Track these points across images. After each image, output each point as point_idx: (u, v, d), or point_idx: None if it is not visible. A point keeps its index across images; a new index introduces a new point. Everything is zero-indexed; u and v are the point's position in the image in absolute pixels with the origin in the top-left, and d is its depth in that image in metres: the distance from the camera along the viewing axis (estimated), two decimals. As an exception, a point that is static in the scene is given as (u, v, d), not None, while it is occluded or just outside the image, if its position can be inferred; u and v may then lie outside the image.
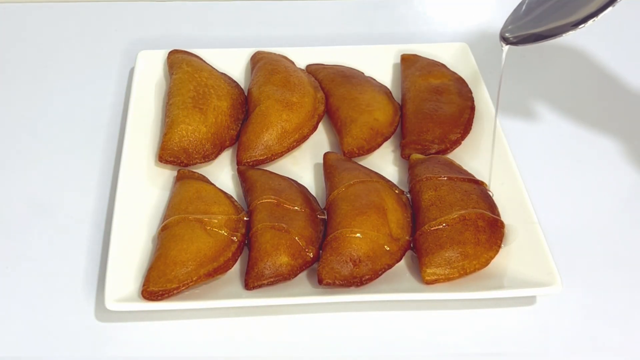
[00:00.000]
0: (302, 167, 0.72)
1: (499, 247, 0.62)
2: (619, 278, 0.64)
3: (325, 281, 0.59)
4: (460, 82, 0.77)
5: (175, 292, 0.57)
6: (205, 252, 0.59)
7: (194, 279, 0.58)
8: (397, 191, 0.66)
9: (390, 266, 0.60)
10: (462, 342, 0.59)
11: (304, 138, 0.72)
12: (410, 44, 0.83)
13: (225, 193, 0.67)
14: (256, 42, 0.84)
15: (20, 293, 0.61)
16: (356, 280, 0.59)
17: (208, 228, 0.61)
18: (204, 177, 0.68)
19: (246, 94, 0.76)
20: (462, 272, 0.60)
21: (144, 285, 0.58)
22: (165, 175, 0.69)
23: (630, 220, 0.69)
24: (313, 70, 0.79)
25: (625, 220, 0.69)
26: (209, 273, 0.59)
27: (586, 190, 0.71)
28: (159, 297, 0.57)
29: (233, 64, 0.81)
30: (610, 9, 0.55)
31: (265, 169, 0.70)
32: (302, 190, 0.67)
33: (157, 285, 0.58)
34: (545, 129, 0.78)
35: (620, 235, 0.67)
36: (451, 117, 0.72)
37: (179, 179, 0.67)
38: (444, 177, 0.65)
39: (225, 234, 0.61)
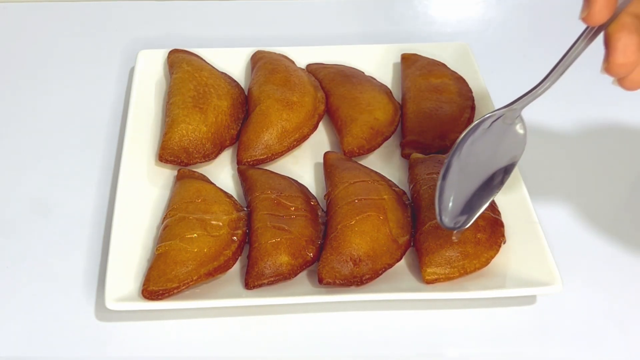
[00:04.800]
0: (303, 166, 0.72)
1: (499, 246, 0.62)
2: (619, 278, 0.64)
3: (326, 280, 0.59)
4: (460, 81, 0.77)
5: (175, 291, 0.57)
6: (206, 251, 0.59)
7: (194, 278, 0.58)
8: (397, 190, 0.66)
9: (390, 265, 0.60)
10: (462, 341, 0.59)
11: (304, 137, 0.72)
12: (410, 44, 0.83)
13: (225, 192, 0.67)
14: (256, 41, 0.84)
15: (20, 293, 0.61)
16: (356, 279, 0.59)
17: (208, 227, 0.61)
18: (204, 176, 0.68)
19: (246, 93, 0.76)
20: (462, 271, 0.60)
21: (144, 284, 0.58)
22: (166, 175, 0.69)
23: (630, 220, 0.69)
24: (313, 70, 0.79)
25: (626, 220, 0.69)
26: (209, 272, 0.59)
27: (586, 191, 0.71)
28: (159, 297, 0.57)
29: (233, 64, 0.81)
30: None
31: (265, 168, 0.70)
32: (302, 189, 0.67)
33: (158, 284, 0.58)
34: (546, 129, 0.77)
35: (621, 235, 0.67)
36: (451, 117, 0.72)
37: (179, 178, 0.67)
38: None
39: (226, 233, 0.61)
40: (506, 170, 0.57)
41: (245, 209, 0.65)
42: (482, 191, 0.57)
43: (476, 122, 0.57)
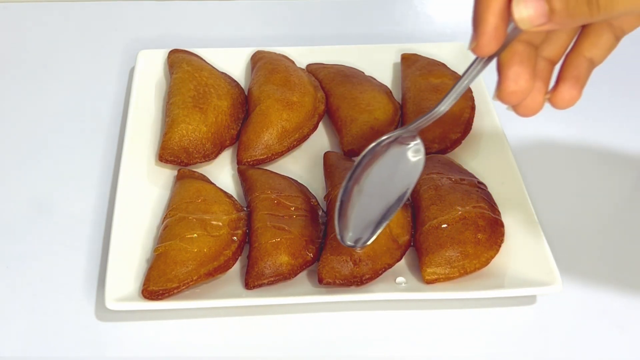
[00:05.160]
0: (303, 166, 0.72)
1: (499, 246, 0.62)
2: (619, 278, 0.64)
3: (326, 280, 0.59)
4: (460, 81, 0.77)
5: (175, 291, 0.57)
6: (206, 251, 0.59)
7: (194, 278, 0.58)
8: (397, 190, 0.66)
9: (390, 265, 0.60)
10: (462, 341, 0.59)
11: (304, 137, 0.72)
12: (410, 44, 0.83)
13: (225, 192, 0.67)
14: (256, 41, 0.84)
15: (20, 293, 0.61)
16: (356, 279, 0.59)
17: (208, 227, 0.61)
18: (204, 176, 0.68)
19: (246, 93, 0.76)
20: (462, 271, 0.60)
21: (144, 284, 0.58)
22: (166, 175, 0.69)
23: (630, 220, 0.69)
24: (313, 70, 0.79)
25: (626, 220, 0.69)
26: (209, 272, 0.59)
27: (586, 190, 0.71)
28: (159, 297, 0.57)
29: (233, 64, 0.81)
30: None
31: (265, 168, 0.70)
32: (302, 189, 0.67)
33: (158, 284, 0.58)
34: (546, 129, 0.77)
35: (621, 235, 0.67)
36: (451, 117, 0.72)
37: (179, 178, 0.67)
38: (444, 176, 0.65)
39: (226, 233, 0.61)
40: (404, 191, 0.57)
41: (245, 209, 0.65)
42: (382, 211, 0.57)
43: (373, 144, 0.57)
